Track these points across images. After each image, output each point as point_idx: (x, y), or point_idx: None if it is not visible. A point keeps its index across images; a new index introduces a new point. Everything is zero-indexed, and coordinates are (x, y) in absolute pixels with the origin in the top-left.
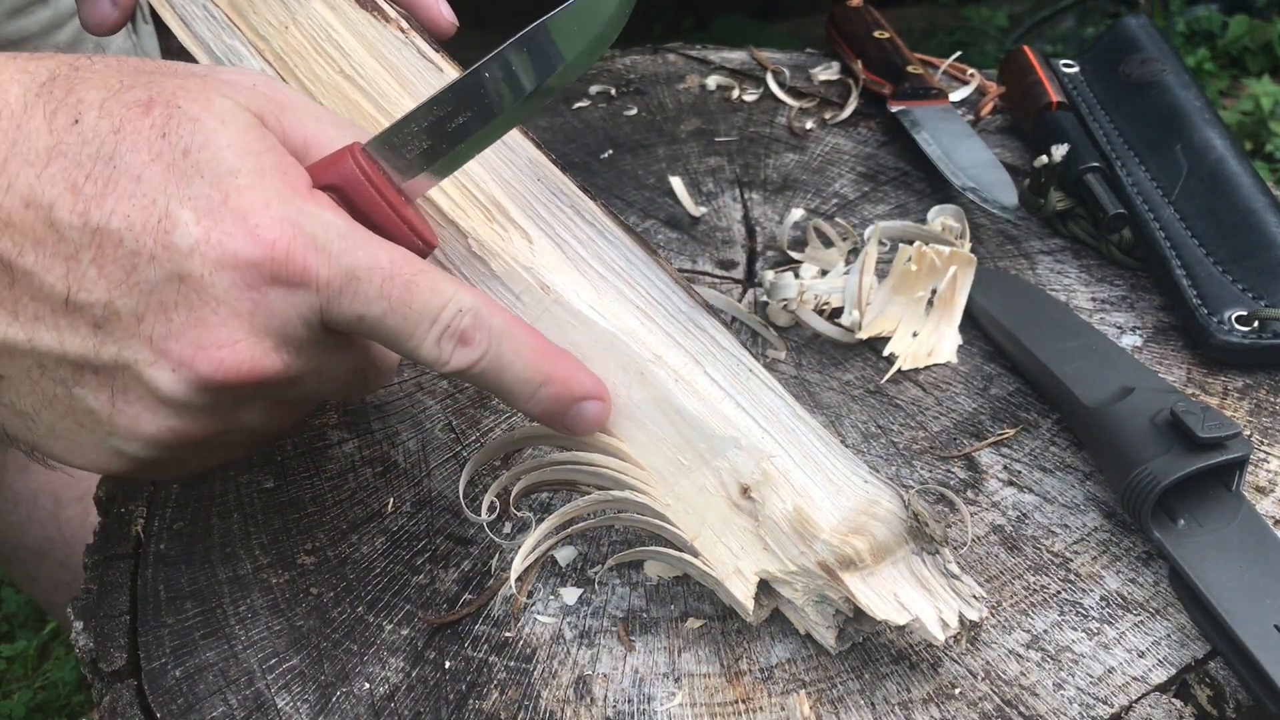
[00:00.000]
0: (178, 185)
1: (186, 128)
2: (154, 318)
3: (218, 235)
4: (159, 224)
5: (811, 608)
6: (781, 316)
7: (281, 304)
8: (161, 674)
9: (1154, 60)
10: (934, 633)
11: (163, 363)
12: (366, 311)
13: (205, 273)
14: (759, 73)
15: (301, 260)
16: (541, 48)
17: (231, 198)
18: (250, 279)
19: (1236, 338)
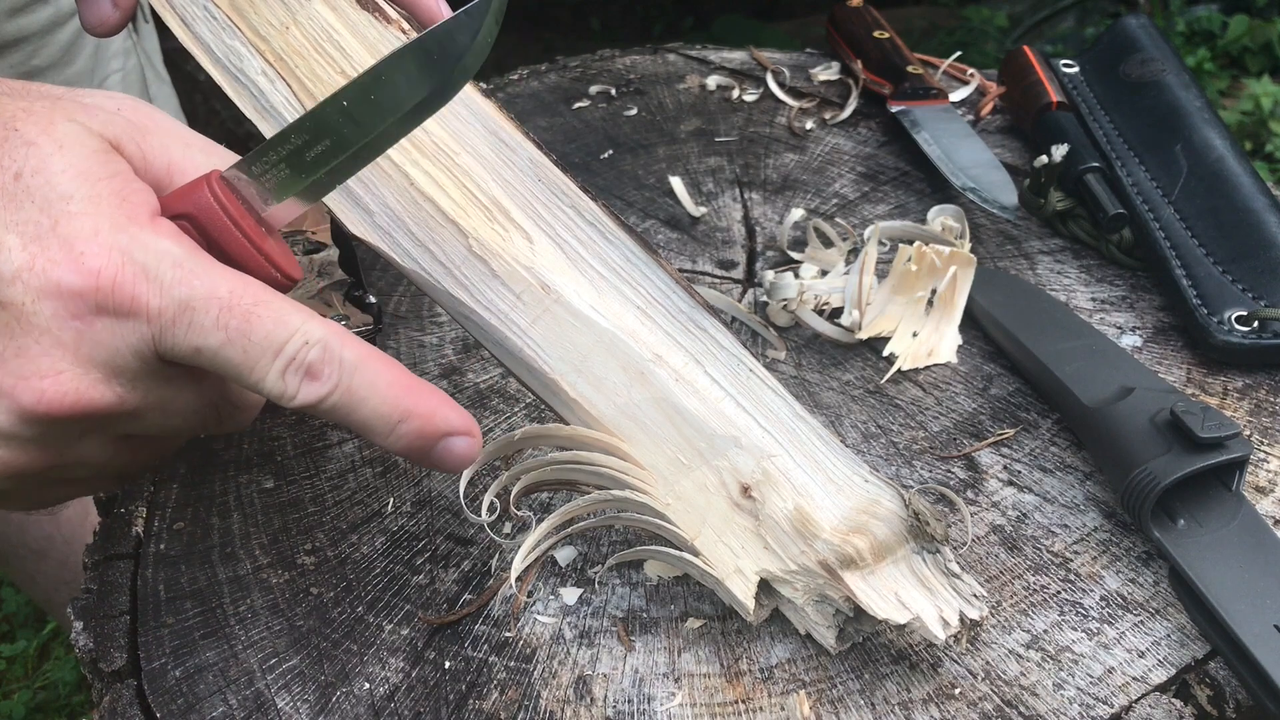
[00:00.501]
0: (5, 210)
1: (20, 151)
2: None
3: (42, 262)
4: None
5: (812, 607)
6: (781, 316)
7: (108, 334)
8: (161, 674)
9: (1154, 60)
10: (935, 631)
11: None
12: (203, 343)
13: (27, 300)
14: (759, 73)
15: (130, 289)
16: (399, 77)
17: (61, 224)
18: (74, 308)
19: (1236, 338)
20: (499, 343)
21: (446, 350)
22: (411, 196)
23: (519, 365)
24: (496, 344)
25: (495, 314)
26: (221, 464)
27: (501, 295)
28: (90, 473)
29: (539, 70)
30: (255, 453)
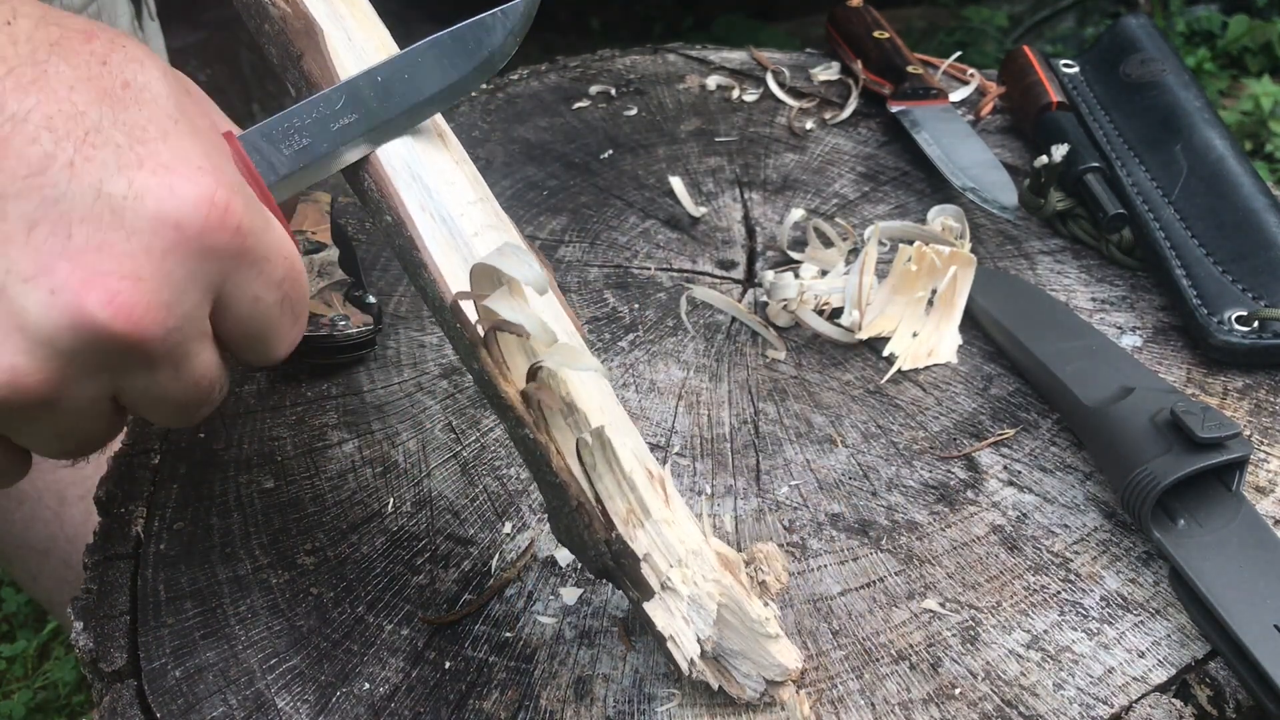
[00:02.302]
0: (112, 109)
1: (131, 66)
2: (50, 228)
3: (153, 165)
4: (86, 136)
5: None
6: (781, 317)
7: (197, 257)
8: (161, 674)
9: (1154, 60)
10: (679, 661)
11: (41, 281)
12: (263, 295)
13: (130, 197)
14: (759, 73)
15: (236, 219)
16: (433, 61)
17: (171, 138)
18: (179, 217)
19: (1236, 338)
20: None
21: (447, 350)
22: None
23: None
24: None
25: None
26: (221, 464)
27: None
28: (44, 441)
29: (539, 70)
30: (255, 453)
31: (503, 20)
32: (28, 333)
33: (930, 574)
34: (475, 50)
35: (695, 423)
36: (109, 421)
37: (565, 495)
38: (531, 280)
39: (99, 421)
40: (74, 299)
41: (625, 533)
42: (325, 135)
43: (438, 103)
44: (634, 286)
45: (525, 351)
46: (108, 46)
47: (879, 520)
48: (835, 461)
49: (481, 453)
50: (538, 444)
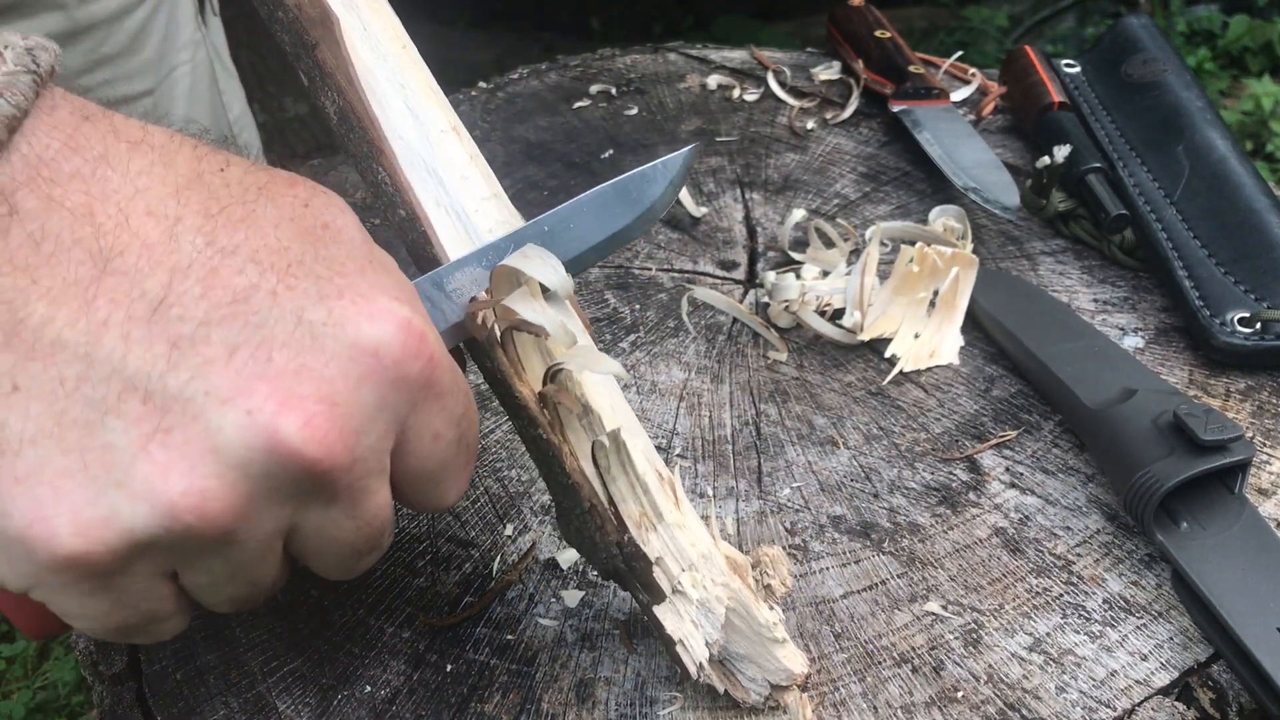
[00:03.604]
0: (314, 246)
1: (330, 210)
2: (251, 352)
3: (353, 296)
4: (289, 268)
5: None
6: (783, 318)
7: (388, 390)
8: (162, 676)
9: (1155, 60)
10: (687, 665)
11: (239, 403)
12: (441, 431)
13: (330, 324)
14: (760, 72)
15: (430, 349)
16: (597, 212)
17: (369, 273)
18: (377, 348)
19: (1239, 339)
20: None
21: None
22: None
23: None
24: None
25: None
26: None
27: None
28: (230, 571)
29: (539, 69)
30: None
31: (664, 171)
32: (221, 455)
33: (932, 576)
34: (638, 200)
35: (696, 424)
36: (277, 567)
37: (577, 497)
38: (556, 284)
39: (269, 565)
40: (270, 420)
41: (638, 536)
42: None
43: (599, 251)
44: (635, 287)
45: (540, 352)
46: (309, 192)
47: (881, 522)
48: (837, 463)
49: (482, 454)
50: (551, 445)
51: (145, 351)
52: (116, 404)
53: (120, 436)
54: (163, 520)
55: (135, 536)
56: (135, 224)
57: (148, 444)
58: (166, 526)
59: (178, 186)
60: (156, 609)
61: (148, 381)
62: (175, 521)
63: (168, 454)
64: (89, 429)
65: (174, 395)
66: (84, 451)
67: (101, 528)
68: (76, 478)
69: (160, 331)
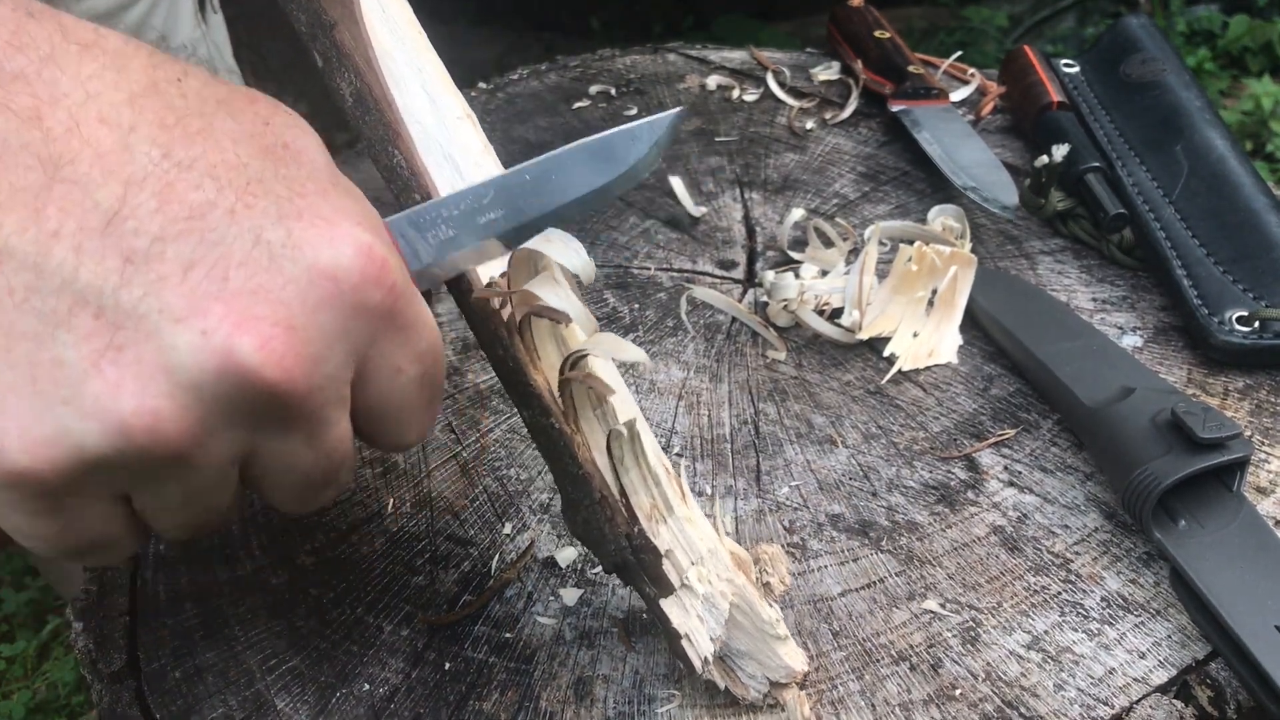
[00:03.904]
0: (274, 165)
1: (292, 130)
2: (207, 271)
3: (312, 218)
4: (247, 185)
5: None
6: (782, 317)
7: (348, 316)
8: (161, 675)
9: (1154, 60)
10: (693, 659)
11: (193, 322)
12: (404, 366)
13: (289, 245)
14: (759, 72)
15: (392, 278)
16: (581, 165)
17: (330, 195)
18: (336, 272)
19: (1237, 338)
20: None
21: (446, 350)
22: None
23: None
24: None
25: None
26: None
27: None
28: (183, 496)
29: (539, 70)
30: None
31: (649, 131)
32: (174, 375)
33: (931, 575)
34: (622, 159)
35: (695, 423)
36: (232, 495)
37: (588, 488)
38: (580, 268)
39: (223, 492)
40: (225, 341)
41: (648, 528)
42: (471, 228)
43: (581, 206)
44: (634, 286)
45: (555, 340)
46: (270, 110)
47: (879, 521)
48: (835, 462)
49: (481, 453)
50: (563, 435)
51: (97, 265)
52: (67, 318)
53: (70, 352)
54: (113, 440)
55: (84, 455)
56: (87, 131)
57: (99, 361)
58: (117, 446)
59: (132, 94)
60: (107, 532)
61: (100, 297)
62: (126, 441)
63: (119, 372)
64: (38, 342)
65: (127, 312)
66: (33, 366)
67: (49, 445)
68: (24, 393)
69: (113, 245)
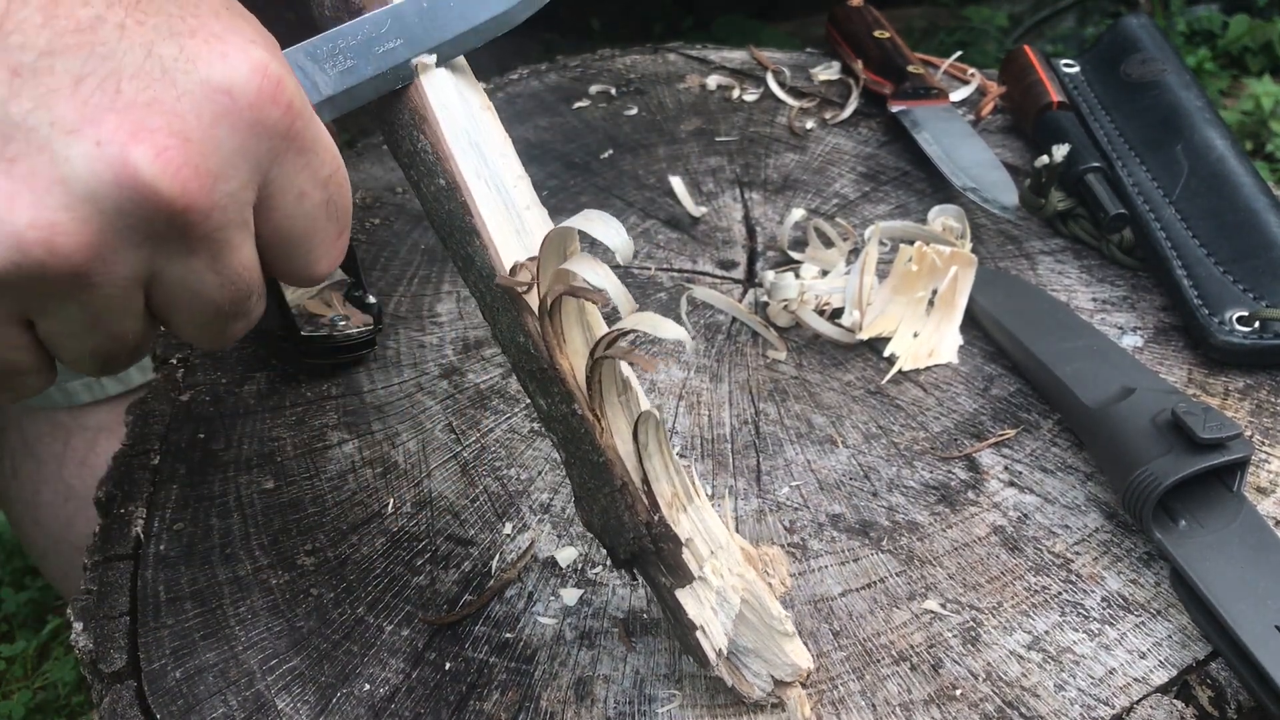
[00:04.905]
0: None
1: None
2: (98, 83)
3: (205, 35)
4: (137, 3)
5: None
6: (782, 317)
7: (245, 133)
8: (161, 675)
9: (1154, 60)
10: (707, 651)
11: (86, 133)
12: (307, 189)
13: (182, 59)
14: (759, 72)
15: (288, 97)
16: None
17: (224, 16)
18: (231, 87)
19: (1237, 338)
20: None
21: (446, 350)
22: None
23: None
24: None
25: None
26: (221, 464)
27: None
28: (89, 320)
29: (539, 70)
30: (255, 453)
31: None
32: (70, 186)
33: (931, 575)
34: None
35: (696, 423)
36: (140, 322)
37: (608, 475)
38: (620, 246)
39: (129, 317)
40: (120, 151)
41: (669, 516)
42: (370, 58)
43: (483, 33)
44: (634, 286)
45: (581, 325)
46: None
47: (880, 521)
48: (836, 462)
49: (482, 453)
50: (584, 421)
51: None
52: None
53: None
54: (10, 254)
55: None
56: None
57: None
58: (15, 261)
59: None
60: (14, 359)
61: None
62: (23, 256)
63: (12, 184)
64: None
65: (16, 124)
66: None
67: None
68: None
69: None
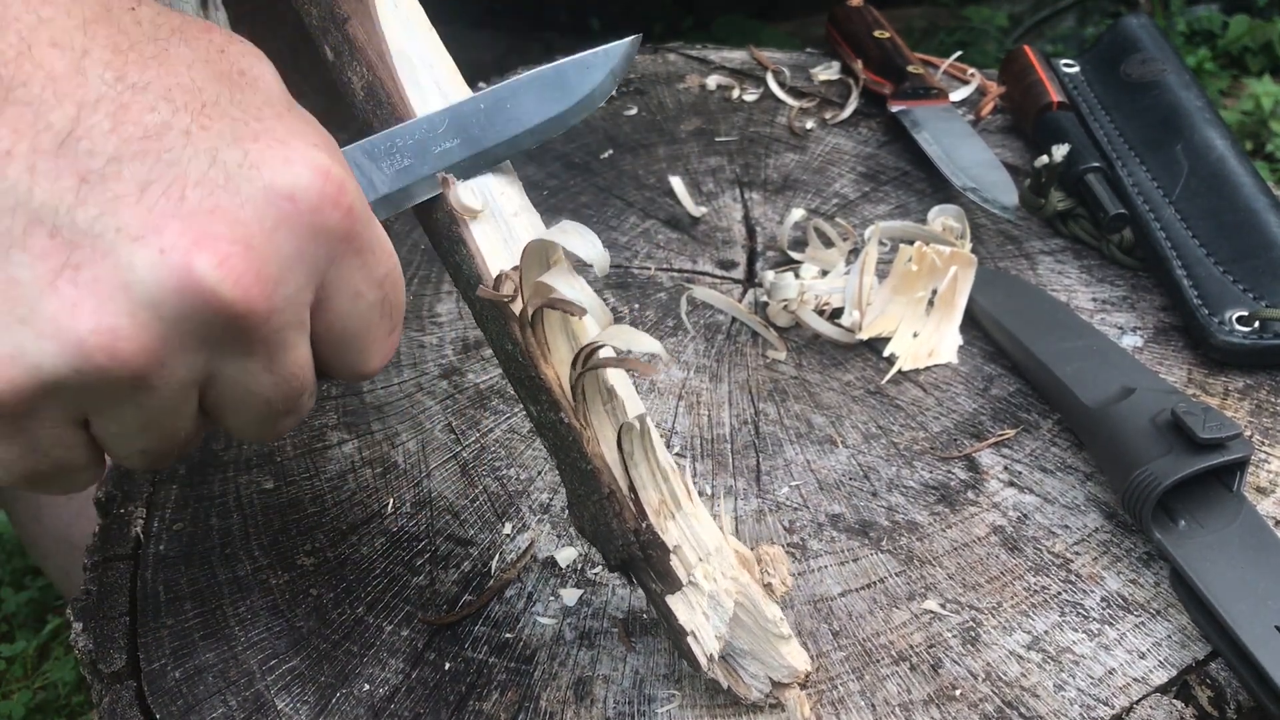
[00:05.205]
0: (229, 90)
1: (247, 58)
2: (164, 189)
3: (269, 140)
4: (203, 108)
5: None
6: (782, 317)
7: (305, 238)
8: (161, 675)
9: (1154, 60)
10: (698, 656)
11: (150, 240)
12: (363, 290)
13: (246, 165)
14: (759, 72)
15: (349, 200)
16: (535, 95)
17: (286, 119)
18: (293, 192)
19: (1237, 338)
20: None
21: (446, 350)
22: None
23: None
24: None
25: None
26: (221, 464)
27: None
28: (143, 421)
29: None
30: (255, 453)
31: (604, 59)
32: (133, 293)
33: (931, 575)
34: (576, 87)
35: (695, 423)
36: (192, 421)
37: (596, 483)
38: (596, 259)
39: (183, 417)
40: (183, 258)
41: (656, 523)
42: (426, 158)
43: (535, 135)
44: (634, 286)
45: (566, 334)
46: (225, 39)
47: (879, 521)
48: (835, 462)
49: (481, 453)
50: (572, 429)
51: (52, 185)
52: (22, 238)
53: (26, 271)
54: (72, 359)
55: (42, 376)
56: (39, 54)
57: (55, 280)
58: (76, 366)
59: (85, 19)
60: (67, 458)
61: (55, 216)
62: (85, 361)
63: (77, 291)
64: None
65: (83, 230)
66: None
67: (7, 365)
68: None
69: (68, 165)
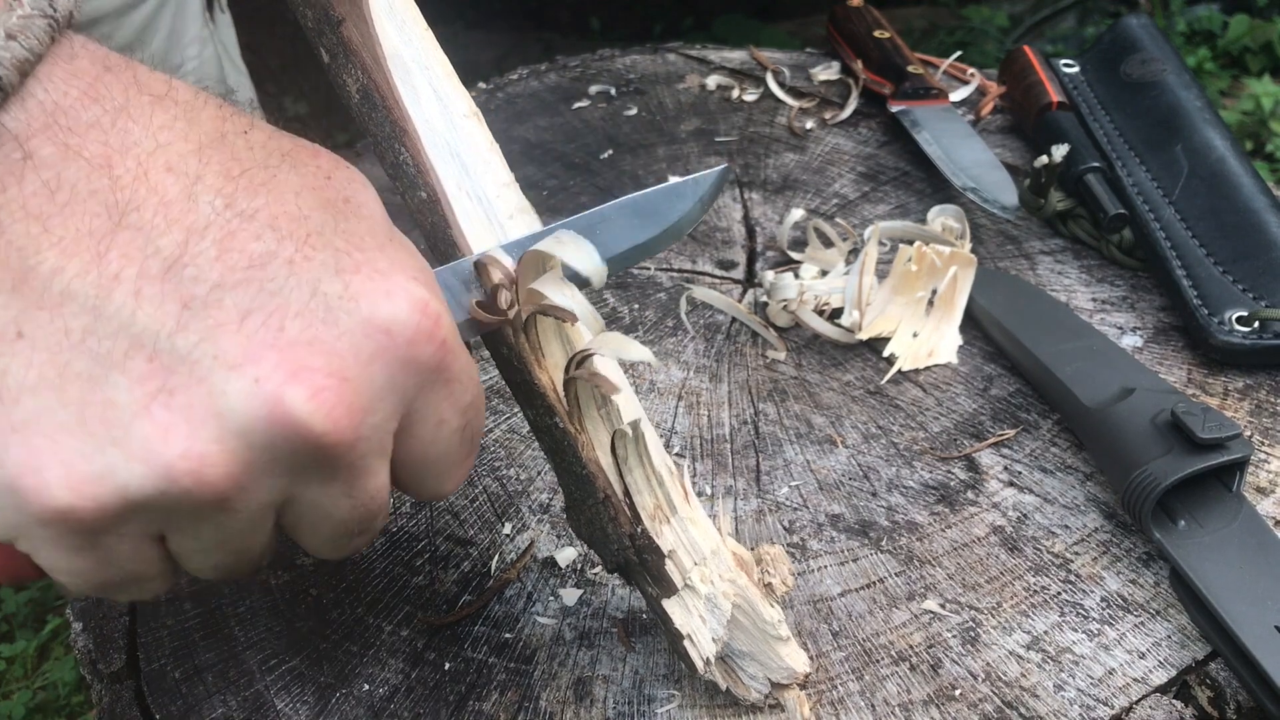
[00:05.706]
0: (334, 218)
1: (353, 185)
2: (263, 319)
3: (369, 271)
4: (307, 238)
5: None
6: (781, 317)
7: (398, 370)
8: (161, 675)
9: (1154, 60)
10: (694, 659)
11: (247, 370)
12: (448, 418)
13: (345, 298)
14: (759, 72)
15: (445, 333)
16: (624, 222)
17: (388, 250)
18: (390, 326)
19: (1237, 338)
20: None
21: None
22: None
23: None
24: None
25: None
26: None
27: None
28: (220, 540)
29: (539, 70)
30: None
31: (694, 188)
32: (224, 420)
33: (930, 575)
34: (665, 214)
35: (695, 423)
36: (268, 539)
37: (592, 488)
38: (591, 270)
39: (259, 536)
40: (277, 390)
41: (651, 528)
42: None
43: (622, 262)
44: (633, 286)
45: (560, 340)
46: (332, 164)
47: (879, 521)
48: (835, 462)
49: (481, 453)
50: (567, 435)
51: (155, 310)
52: (122, 360)
53: (123, 394)
54: (158, 482)
55: (128, 496)
56: (154, 179)
57: (150, 403)
58: (161, 488)
59: (200, 144)
60: (141, 571)
61: (155, 340)
62: (171, 484)
63: (169, 415)
64: (91, 383)
65: (181, 356)
66: (84, 406)
67: (95, 484)
68: (74, 431)
69: (172, 291)
